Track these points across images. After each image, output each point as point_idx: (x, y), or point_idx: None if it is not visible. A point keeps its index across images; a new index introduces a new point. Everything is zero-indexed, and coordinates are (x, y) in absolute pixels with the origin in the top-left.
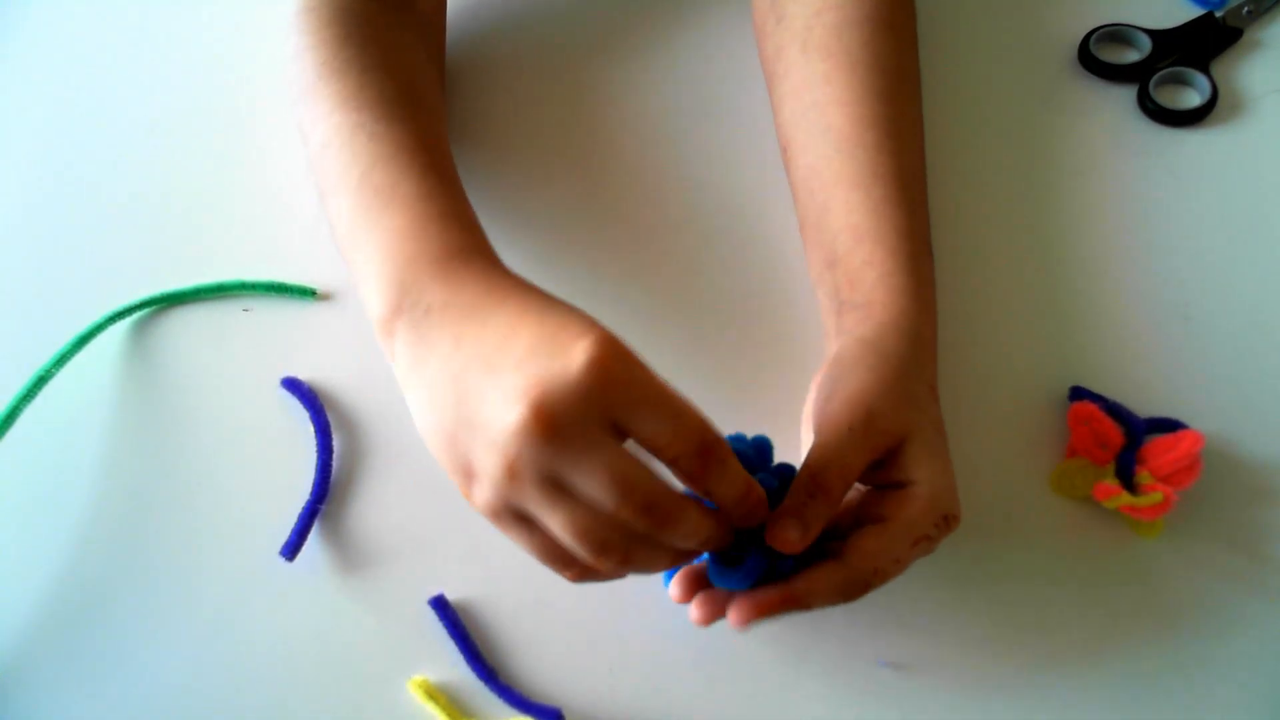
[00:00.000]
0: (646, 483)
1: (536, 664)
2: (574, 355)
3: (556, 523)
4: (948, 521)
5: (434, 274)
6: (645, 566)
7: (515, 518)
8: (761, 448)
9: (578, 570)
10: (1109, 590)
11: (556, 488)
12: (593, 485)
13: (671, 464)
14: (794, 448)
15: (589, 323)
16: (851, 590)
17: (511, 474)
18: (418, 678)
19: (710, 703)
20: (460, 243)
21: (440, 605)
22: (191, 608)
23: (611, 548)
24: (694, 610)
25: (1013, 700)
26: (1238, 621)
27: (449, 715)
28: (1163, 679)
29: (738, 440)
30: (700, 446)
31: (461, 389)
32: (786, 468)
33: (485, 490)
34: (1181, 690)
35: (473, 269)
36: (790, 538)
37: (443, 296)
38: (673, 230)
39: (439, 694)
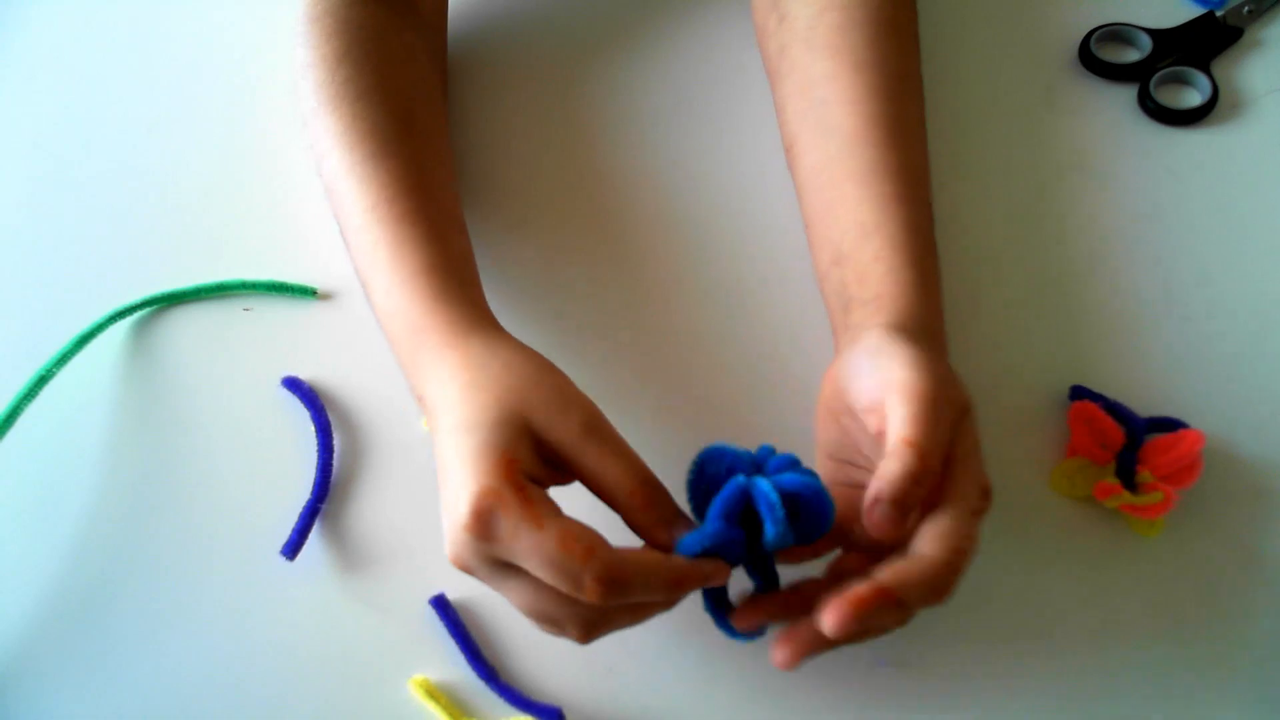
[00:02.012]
0: (553, 612)
1: (536, 664)
2: (458, 514)
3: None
4: (986, 494)
5: (410, 360)
6: (607, 630)
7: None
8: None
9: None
10: (1109, 589)
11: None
12: (516, 606)
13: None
14: (795, 444)
15: (475, 467)
16: (943, 578)
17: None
18: (418, 677)
19: (710, 703)
20: (420, 319)
21: (440, 605)
22: (192, 607)
23: (564, 634)
24: (778, 653)
25: (1013, 700)
26: (1238, 621)
27: (449, 715)
28: (1162, 678)
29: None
30: (575, 587)
31: None
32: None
33: None
34: (1181, 689)
35: (431, 353)
36: (887, 525)
37: (419, 388)
38: (673, 228)
39: (439, 694)
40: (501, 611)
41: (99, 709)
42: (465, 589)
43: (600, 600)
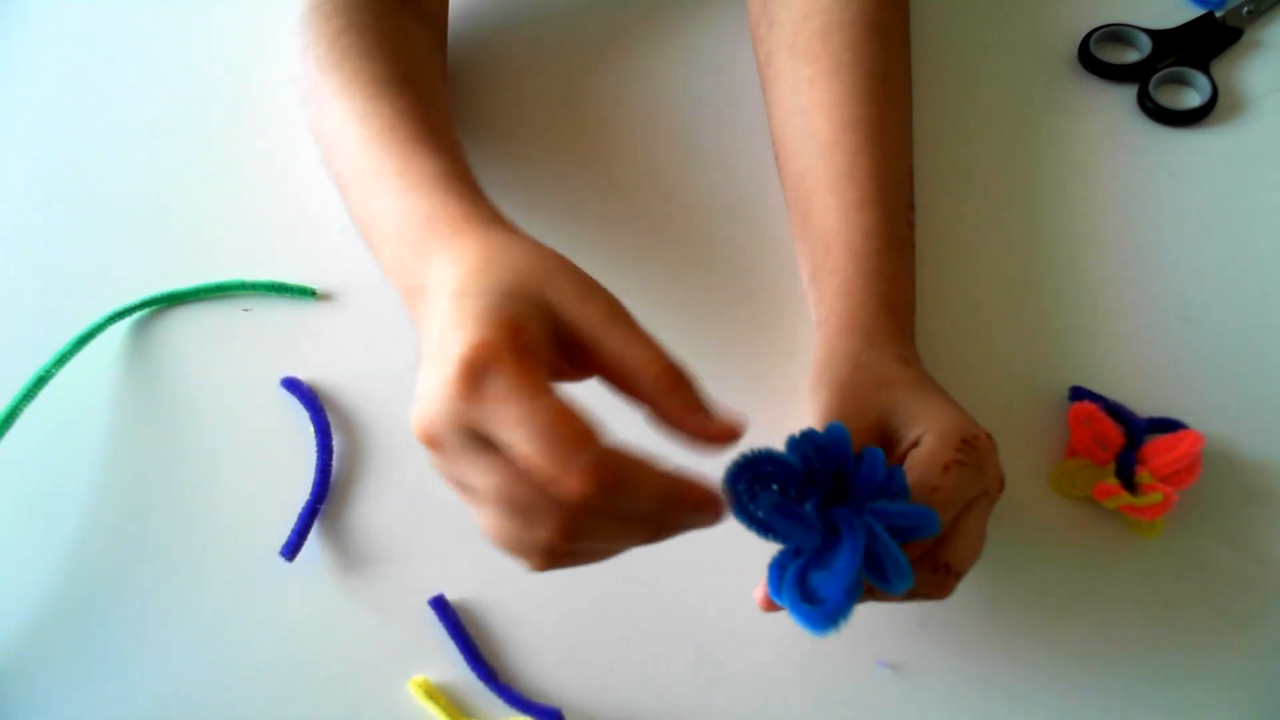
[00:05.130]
0: (530, 501)
1: (536, 664)
2: (444, 364)
3: (480, 521)
4: (970, 444)
5: (414, 253)
6: (584, 560)
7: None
8: (832, 441)
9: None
10: (1109, 590)
11: (465, 486)
12: (483, 495)
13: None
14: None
15: (474, 324)
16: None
17: (436, 466)
18: (418, 678)
19: (710, 703)
20: (434, 208)
21: (440, 605)
22: (191, 607)
23: (528, 552)
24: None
25: (1013, 700)
26: (1238, 621)
27: (449, 715)
28: (1162, 679)
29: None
30: (561, 473)
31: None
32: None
33: None
34: (1181, 690)
35: (442, 237)
36: None
37: (419, 277)
38: (673, 229)
39: (439, 694)
40: (501, 612)
41: (99, 709)
42: (465, 589)
43: (585, 490)
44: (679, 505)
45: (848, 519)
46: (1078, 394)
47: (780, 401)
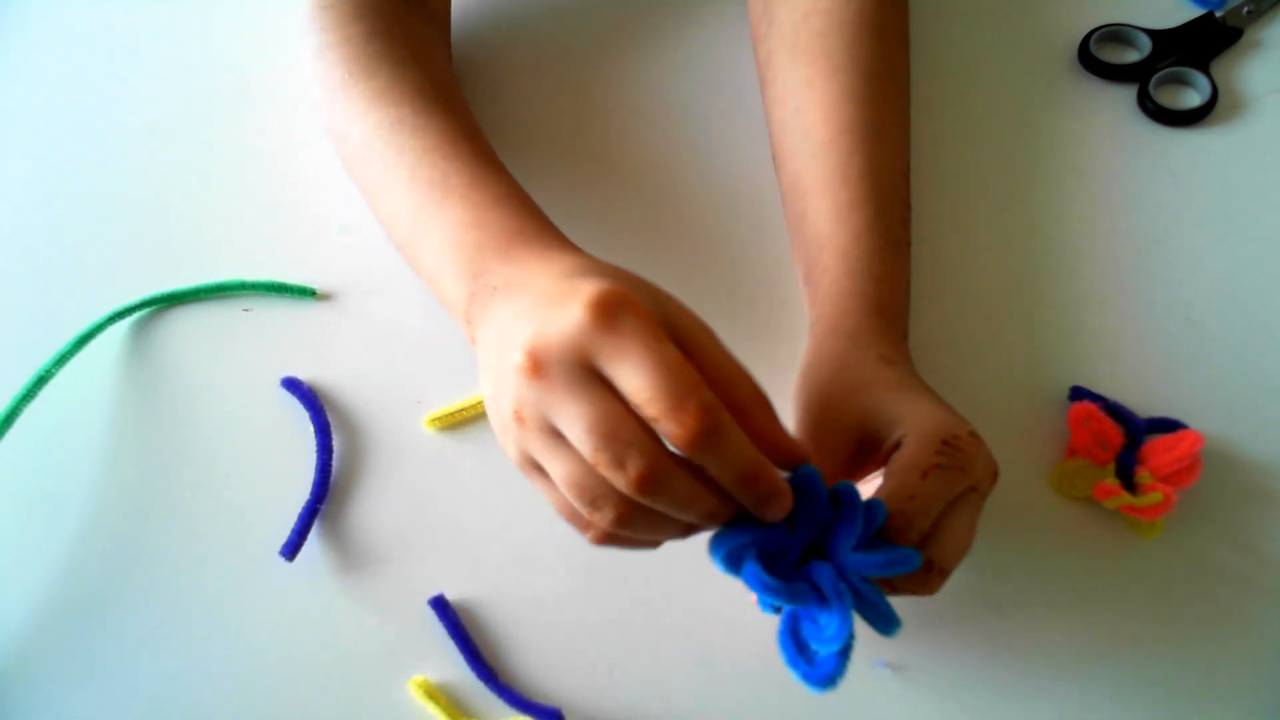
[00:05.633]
0: (625, 436)
1: (536, 664)
2: (573, 301)
3: (556, 473)
4: (952, 444)
5: (499, 257)
6: (646, 532)
7: (533, 468)
8: (805, 487)
9: (594, 531)
10: (1109, 590)
11: (556, 435)
12: (574, 431)
13: (653, 425)
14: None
15: (608, 275)
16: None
17: (517, 418)
18: (418, 678)
19: (710, 703)
20: (520, 224)
21: (440, 605)
22: (191, 607)
23: (600, 503)
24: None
25: (1012, 700)
26: (1238, 621)
27: (449, 715)
28: (1162, 679)
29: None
30: (676, 406)
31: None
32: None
33: (506, 438)
34: (1181, 690)
35: (534, 248)
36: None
37: (506, 277)
38: (672, 229)
39: (439, 694)
40: (501, 612)
41: (99, 709)
42: (465, 589)
43: (693, 428)
44: (755, 483)
45: (833, 583)
46: (1078, 394)
47: (780, 403)
